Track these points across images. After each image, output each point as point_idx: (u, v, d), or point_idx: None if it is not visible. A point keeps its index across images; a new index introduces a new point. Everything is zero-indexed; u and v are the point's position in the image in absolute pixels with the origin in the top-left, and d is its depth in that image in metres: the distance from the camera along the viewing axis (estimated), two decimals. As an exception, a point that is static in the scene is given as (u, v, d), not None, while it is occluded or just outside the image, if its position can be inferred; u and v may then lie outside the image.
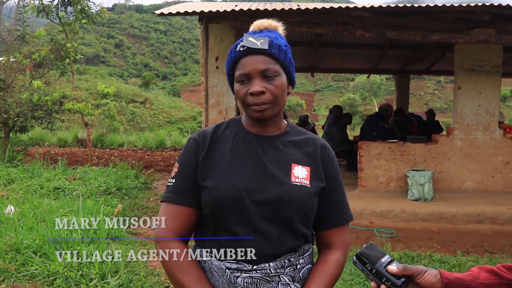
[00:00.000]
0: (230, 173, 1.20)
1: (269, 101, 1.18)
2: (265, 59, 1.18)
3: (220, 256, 1.19)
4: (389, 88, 45.10)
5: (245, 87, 1.19)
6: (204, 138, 1.27)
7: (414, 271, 1.08)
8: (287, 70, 1.23)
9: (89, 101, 24.60)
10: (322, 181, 1.27)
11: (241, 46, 1.20)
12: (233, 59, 1.22)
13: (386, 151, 6.13)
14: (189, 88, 57.41)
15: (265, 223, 1.17)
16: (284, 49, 1.22)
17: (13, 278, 3.12)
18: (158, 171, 8.77)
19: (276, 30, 1.28)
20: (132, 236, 4.42)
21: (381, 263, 1.09)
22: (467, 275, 1.09)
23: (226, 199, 1.17)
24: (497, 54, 6.13)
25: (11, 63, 8.83)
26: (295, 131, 1.33)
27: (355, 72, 13.17)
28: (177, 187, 1.23)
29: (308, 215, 1.23)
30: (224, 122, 1.34)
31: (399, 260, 3.82)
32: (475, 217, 5.26)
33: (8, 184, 6.31)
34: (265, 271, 1.17)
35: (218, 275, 1.18)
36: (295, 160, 1.25)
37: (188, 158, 1.25)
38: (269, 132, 1.28)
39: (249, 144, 1.25)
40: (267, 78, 1.18)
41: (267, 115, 1.20)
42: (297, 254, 1.22)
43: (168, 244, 1.19)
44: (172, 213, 1.22)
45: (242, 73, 1.19)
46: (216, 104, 6.03)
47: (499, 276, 1.07)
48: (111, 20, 73.63)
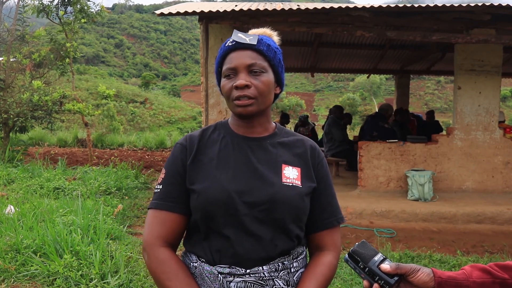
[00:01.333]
0: (219, 176, 1.18)
1: (254, 96, 1.16)
2: (252, 55, 1.18)
3: (212, 260, 1.16)
4: (389, 88, 45.11)
5: (230, 81, 1.18)
6: (191, 143, 1.25)
7: (407, 269, 1.07)
8: (275, 69, 1.22)
9: (89, 101, 24.63)
10: (314, 181, 1.25)
11: (230, 42, 1.20)
12: (221, 55, 1.22)
13: (386, 151, 6.13)
14: (189, 88, 57.45)
15: (257, 225, 1.15)
16: (273, 49, 1.21)
17: (13, 278, 3.12)
18: (158, 171, 8.77)
19: (271, 37, 1.28)
20: (132, 236, 4.42)
21: (374, 261, 1.08)
22: (460, 273, 1.08)
23: (215, 201, 1.14)
24: (497, 54, 6.13)
25: (11, 63, 8.83)
26: (284, 132, 1.31)
27: (355, 72, 13.17)
28: (164, 193, 1.21)
29: (300, 216, 1.21)
30: (211, 126, 1.32)
31: (399, 260, 3.82)
32: (475, 217, 5.26)
33: (8, 184, 6.31)
34: (258, 275, 1.14)
35: (210, 281, 1.15)
36: (285, 161, 1.23)
37: (175, 163, 1.23)
38: (256, 133, 1.26)
39: (237, 146, 1.23)
40: (253, 73, 1.17)
41: (251, 111, 1.17)
42: (290, 257, 1.20)
43: (155, 251, 1.16)
44: (159, 219, 1.19)
45: (228, 67, 1.18)
46: (216, 104, 6.03)
47: (491, 275, 1.07)
48: (111, 20, 73.67)
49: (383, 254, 1.11)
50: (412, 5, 5.25)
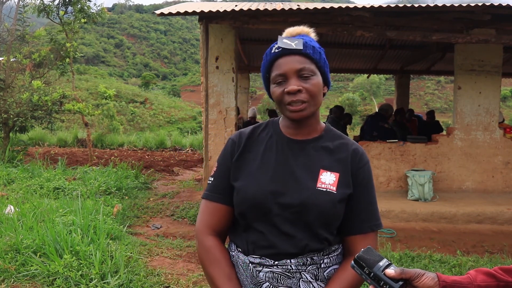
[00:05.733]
0: (258, 175, 1.24)
1: (306, 100, 1.20)
2: (300, 59, 1.20)
3: (247, 251, 1.24)
4: (389, 88, 45.12)
5: (281, 87, 1.21)
6: (240, 139, 1.32)
7: (412, 274, 1.08)
8: (322, 70, 1.25)
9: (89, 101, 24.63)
10: (350, 188, 1.26)
11: (276, 48, 1.22)
12: (268, 61, 1.24)
13: (386, 151, 6.13)
14: (189, 88, 57.41)
15: (289, 226, 1.20)
16: (318, 50, 1.24)
17: (13, 278, 3.12)
18: (158, 171, 8.77)
19: (309, 35, 1.29)
20: (132, 236, 4.42)
21: (379, 266, 1.09)
22: (465, 277, 1.09)
23: (252, 200, 1.21)
24: (497, 54, 6.13)
25: (11, 63, 8.83)
26: (331, 135, 1.32)
27: (355, 72, 13.17)
28: (215, 185, 1.31)
29: (331, 221, 1.23)
30: (263, 123, 1.37)
31: (399, 260, 3.82)
32: (475, 217, 5.26)
33: (8, 184, 6.31)
34: (286, 267, 1.20)
35: (243, 269, 1.23)
36: (324, 166, 1.26)
37: (225, 158, 1.31)
38: (304, 135, 1.29)
39: (281, 148, 1.28)
40: (303, 77, 1.20)
41: (304, 115, 1.21)
42: (320, 254, 1.24)
43: (203, 238, 1.27)
44: (209, 209, 1.30)
45: (278, 73, 1.21)
46: (216, 104, 6.03)
47: (496, 279, 1.08)
48: (111, 20, 73.58)
49: (388, 259, 1.12)
50: (412, 5, 5.24)
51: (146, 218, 5.27)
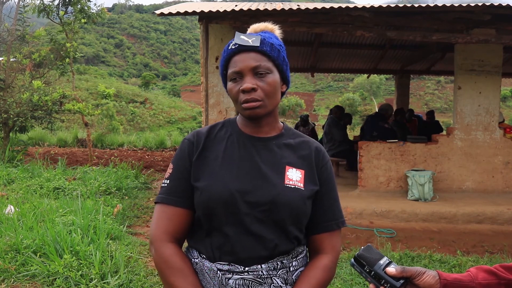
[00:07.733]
0: (222, 174, 1.19)
1: (261, 98, 1.17)
2: (256, 56, 1.17)
3: (213, 257, 1.17)
4: (389, 88, 45.11)
5: (237, 85, 1.18)
6: (199, 139, 1.26)
7: (413, 272, 1.08)
8: (280, 68, 1.22)
9: (89, 101, 24.61)
10: (316, 184, 1.25)
11: (233, 45, 1.20)
12: (225, 58, 1.22)
13: (386, 151, 6.13)
14: (189, 88, 57.39)
15: (258, 225, 1.15)
16: (277, 48, 1.21)
17: (13, 278, 3.12)
18: (158, 171, 8.77)
19: (273, 32, 1.28)
20: (132, 236, 4.42)
21: (380, 265, 1.09)
22: (466, 275, 1.09)
23: (217, 199, 1.15)
24: (497, 54, 6.13)
25: (11, 63, 8.83)
26: (291, 133, 1.31)
27: (355, 72, 13.17)
28: (171, 188, 1.22)
29: (301, 218, 1.21)
30: (219, 123, 1.33)
31: (399, 260, 3.82)
32: (475, 217, 5.26)
33: (8, 184, 6.31)
34: (257, 273, 1.15)
35: (210, 277, 1.16)
36: (289, 162, 1.23)
37: (182, 159, 1.25)
38: (263, 133, 1.26)
39: (243, 145, 1.24)
40: (259, 75, 1.17)
41: (259, 113, 1.18)
42: (290, 256, 1.21)
43: (162, 246, 1.17)
44: (167, 214, 1.21)
45: (234, 70, 1.18)
46: (216, 104, 6.03)
47: (497, 276, 1.07)
48: (111, 20, 73.58)
49: (388, 258, 1.12)
50: (412, 5, 5.24)
51: (146, 218, 5.27)
